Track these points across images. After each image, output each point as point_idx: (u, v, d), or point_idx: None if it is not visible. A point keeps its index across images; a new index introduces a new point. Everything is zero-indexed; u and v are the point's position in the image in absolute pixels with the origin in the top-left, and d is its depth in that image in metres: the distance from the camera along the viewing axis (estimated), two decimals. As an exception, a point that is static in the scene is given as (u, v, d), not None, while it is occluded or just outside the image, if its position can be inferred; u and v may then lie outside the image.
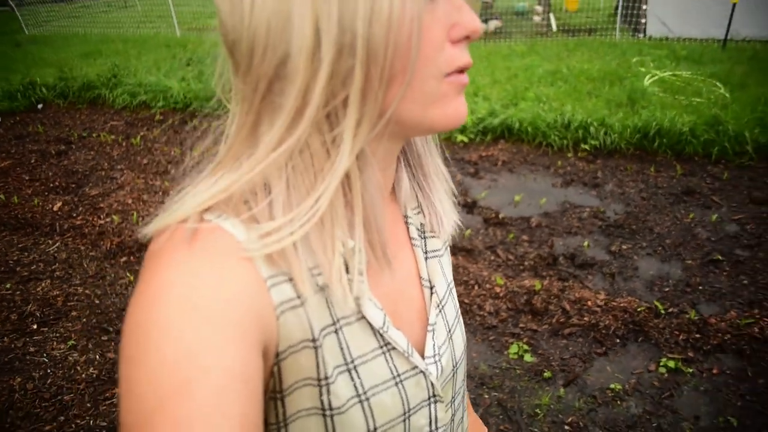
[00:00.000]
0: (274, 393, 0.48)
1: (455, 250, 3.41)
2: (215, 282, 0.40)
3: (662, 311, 2.78)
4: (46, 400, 2.40)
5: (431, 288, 0.61)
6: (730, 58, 6.98)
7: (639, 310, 2.78)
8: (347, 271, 0.47)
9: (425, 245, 0.62)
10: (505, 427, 2.21)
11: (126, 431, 0.36)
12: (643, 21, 9.10)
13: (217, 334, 0.38)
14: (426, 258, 0.61)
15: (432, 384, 0.56)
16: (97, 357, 2.65)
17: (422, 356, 0.57)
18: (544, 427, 2.20)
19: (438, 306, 0.60)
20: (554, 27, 10.15)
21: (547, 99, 5.50)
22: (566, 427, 2.20)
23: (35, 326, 2.88)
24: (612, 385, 2.38)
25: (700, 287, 3.00)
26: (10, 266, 3.43)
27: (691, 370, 2.45)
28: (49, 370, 2.56)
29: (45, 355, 2.67)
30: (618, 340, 2.64)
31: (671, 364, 2.47)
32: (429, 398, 0.57)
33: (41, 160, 5.16)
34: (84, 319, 2.92)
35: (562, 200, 4.01)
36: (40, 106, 6.77)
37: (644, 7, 8.96)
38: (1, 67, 8.03)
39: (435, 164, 0.62)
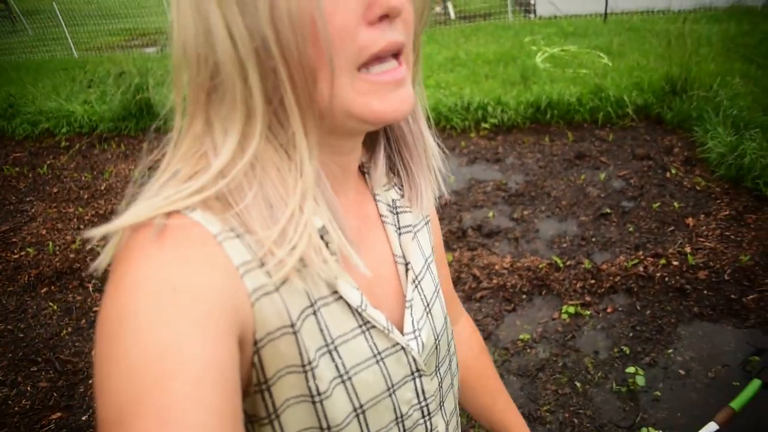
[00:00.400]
0: (259, 385, 0.47)
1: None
2: (187, 273, 0.40)
3: (561, 265, 3.08)
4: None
5: (406, 264, 0.60)
6: (610, 30, 7.56)
7: (541, 267, 3.08)
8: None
9: (398, 221, 0.61)
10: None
11: (104, 427, 0.36)
12: (532, 2, 9.65)
13: (191, 326, 0.38)
14: (399, 234, 0.61)
15: (414, 359, 0.57)
16: (29, 388, 2.65)
17: (402, 332, 0.57)
18: (464, 382, 2.43)
19: (414, 281, 0.60)
20: (452, 15, 10.56)
21: (447, 84, 5.80)
22: (484, 379, 2.43)
23: (-44, 371, 2.83)
24: (521, 336, 2.64)
25: (593, 239, 3.34)
26: None
27: (588, 312, 2.75)
28: None
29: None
30: (524, 296, 2.92)
31: (571, 309, 2.76)
32: (412, 373, 0.57)
33: (-61, 202, 4.92)
34: (10, 354, 2.89)
35: (469, 177, 4.29)
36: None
37: (532, -12, 9.51)
38: None
39: (421, 140, 0.61)
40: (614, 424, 2.16)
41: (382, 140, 0.60)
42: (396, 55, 0.46)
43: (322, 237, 0.47)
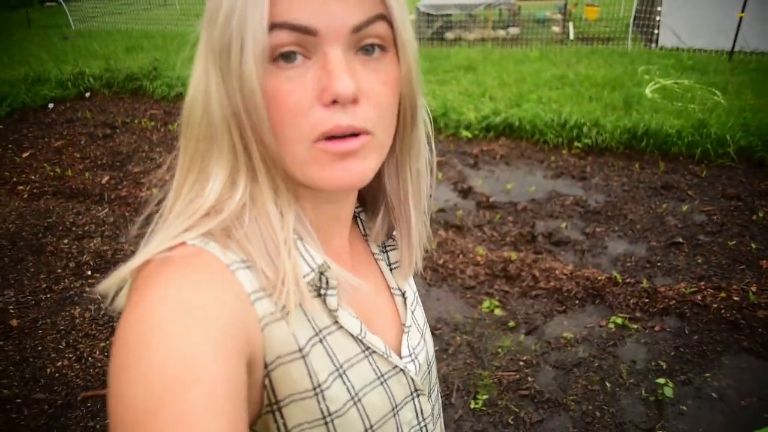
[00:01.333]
0: (270, 405, 0.50)
1: (447, 226, 3.89)
2: (205, 295, 0.44)
3: (620, 280, 3.21)
4: (101, 324, 2.95)
5: (402, 294, 0.66)
6: (734, 68, 7.29)
7: (600, 279, 3.22)
8: (321, 287, 0.53)
9: (388, 258, 0.68)
10: (470, 361, 2.68)
11: (119, 429, 0.38)
12: (656, 31, 9.43)
13: (207, 342, 0.40)
14: (391, 269, 0.67)
15: (412, 379, 0.61)
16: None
17: (399, 356, 0.62)
18: (502, 362, 2.66)
19: (410, 310, 0.66)
20: (572, 35, 10.53)
21: (549, 101, 5.94)
22: (521, 363, 2.66)
23: (89, 272, 3.45)
24: (565, 334, 2.83)
25: (659, 264, 3.42)
26: (66, 226, 4.02)
27: (635, 326, 2.88)
28: (101, 304, 3.12)
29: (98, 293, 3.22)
30: (577, 302, 3.09)
31: (619, 320, 2.90)
32: (411, 393, 0.62)
33: (90, 142, 5.78)
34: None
35: (550, 189, 4.45)
36: (87, 94, 7.43)
37: (658, 18, 9.29)
38: (52, 58, 8.76)
39: (407, 216, 0.63)
40: (634, 425, 2.31)
41: (381, 201, 0.64)
42: (356, 134, 0.49)
43: (322, 273, 0.53)
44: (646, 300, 3.05)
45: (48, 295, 3.22)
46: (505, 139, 5.53)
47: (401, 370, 0.60)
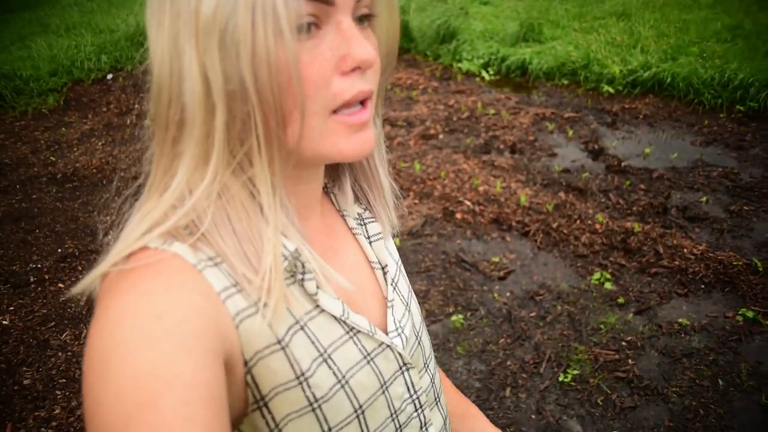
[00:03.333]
0: (256, 402, 0.50)
1: (568, 188, 3.66)
2: (171, 300, 0.43)
3: (761, 269, 2.82)
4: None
5: (383, 268, 0.65)
6: None
7: (736, 264, 2.85)
8: (298, 272, 0.52)
9: (366, 231, 0.66)
10: (568, 333, 2.56)
11: None
12: None
13: (177, 348, 0.40)
14: (370, 242, 0.66)
15: (399, 354, 0.61)
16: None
17: (385, 332, 0.61)
18: (602, 339, 2.50)
19: (392, 283, 0.65)
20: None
21: (712, 55, 5.20)
22: (623, 343, 2.48)
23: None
24: (681, 320, 2.57)
25: (816, 255, 2.94)
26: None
27: (769, 323, 2.54)
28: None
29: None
30: (703, 286, 2.78)
31: (750, 314, 2.57)
32: (400, 368, 0.61)
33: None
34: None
35: (696, 158, 3.97)
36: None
37: None
38: None
39: (377, 175, 0.65)
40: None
41: (346, 168, 0.65)
42: (363, 101, 0.50)
43: (297, 258, 0.51)
44: (790, 295, 2.66)
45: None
46: (652, 97, 4.98)
47: (388, 346, 0.59)
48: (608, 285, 2.82)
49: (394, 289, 0.65)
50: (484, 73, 5.81)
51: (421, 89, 5.58)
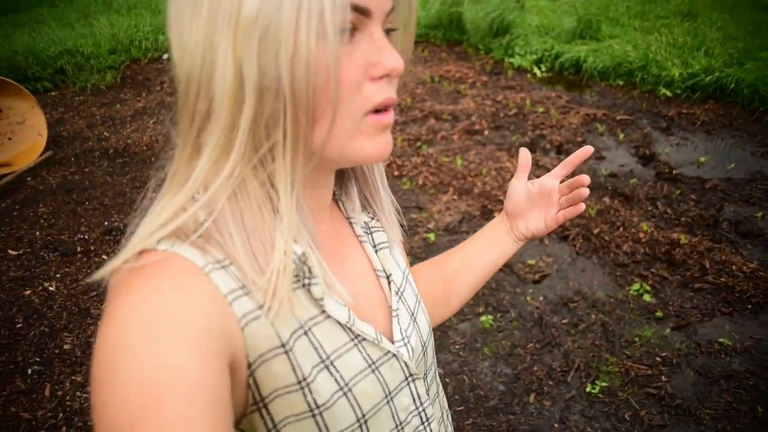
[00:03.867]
0: (256, 404, 0.50)
1: (614, 193, 3.53)
2: (178, 301, 0.43)
3: (816, 292, 2.66)
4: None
5: (387, 277, 0.65)
6: None
7: (788, 285, 2.70)
8: (305, 276, 0.51)
9: (373, 239, 0.66)
10: (600, 343, 2.48)
11: None
12: None
13: (183, 350, 0.40)
14: (376, 251, 0.66)
15: (405, 364, 0.60)
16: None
17: (391, 341, 0.61)
18: (636, 353, 2.42)
19: (397, 293, 0.64)
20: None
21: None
22: (657, 359, 2.39)
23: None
24: (722, 340, 2.45)
25: None
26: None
27: (820, 351, 2.39)
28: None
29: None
30: (750, 306, 2.64)
31: (800, 339, 2.43)
32: (406, 378, 0.61)
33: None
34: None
35: (755, 169, 3.77)
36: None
37: None
38: None
39: (381, 184, 0.67)
40: (782, 461, 1.97)
41: (352, 175, 0.66)
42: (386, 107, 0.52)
43: (304, 263, 0.51)
44: None
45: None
46: (713, 102, 4.75)
47: (394, 355, 0.59)
48: (647, 297, 2.72)
49: (400, 298, 0.64)
50: (536, 70, 5.66)
51: (470, 83, 5.49)
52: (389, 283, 0.64)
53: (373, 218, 0.68)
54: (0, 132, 4.09)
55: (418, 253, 3.09)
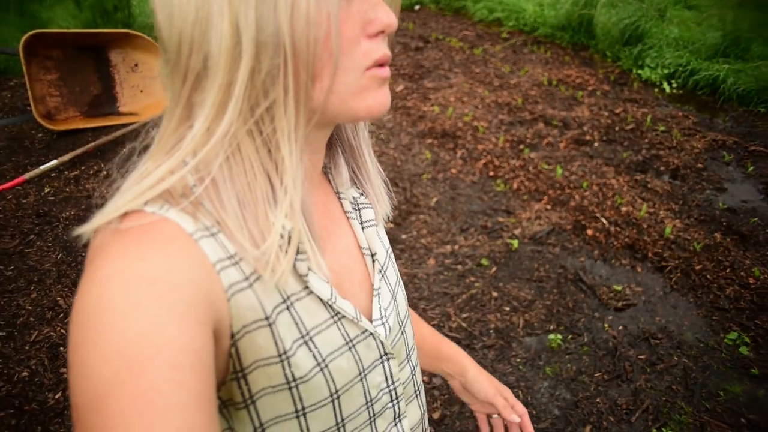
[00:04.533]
0: (235, 373, 0.50)
1: (728, 230, 3.19)
2: (167, 266, 0.42)
3: None
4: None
5: (372, 256, 0.65)
6: None
7: None
8: (293, 251, 0.50)
9: (360, 216, 0.66)
10: (677, 388, 2.26)
11: (79, 411, 0.36)
12: None
13: (168, 313, 0.39)
14: (363, 228, 0.65)
15: (382, 343, 0.61)
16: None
17: (370, 320, 0.61)
18: (717, 408, 2.18)
19: (380, 271, 0.64)
20: None
21: None
22: (742, 420, 2.13)
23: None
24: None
25: None
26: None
27: None
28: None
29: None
30: None
31: None
32: (381, 357, 0.61)
33: (402, 51, 6.28)
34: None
35: None
36: (417, 7, 7.97)
37: None
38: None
39: (369, 155, 0.67)
40: None
41: (338, 147, 0.65)
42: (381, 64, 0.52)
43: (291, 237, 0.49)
44: None
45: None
46: None
47: (371, 333, 0.60)
48: (744, 350, 2.43)
49: (382, 277, 0.65)
50: (665, 85, 5.24)
51: (589, 91, 5.19)
52: (373, 261, 0.64)
53: (362, 194, 0.67)
54: (133, 84, 4.46)
55: (497, 258, 2.98)
